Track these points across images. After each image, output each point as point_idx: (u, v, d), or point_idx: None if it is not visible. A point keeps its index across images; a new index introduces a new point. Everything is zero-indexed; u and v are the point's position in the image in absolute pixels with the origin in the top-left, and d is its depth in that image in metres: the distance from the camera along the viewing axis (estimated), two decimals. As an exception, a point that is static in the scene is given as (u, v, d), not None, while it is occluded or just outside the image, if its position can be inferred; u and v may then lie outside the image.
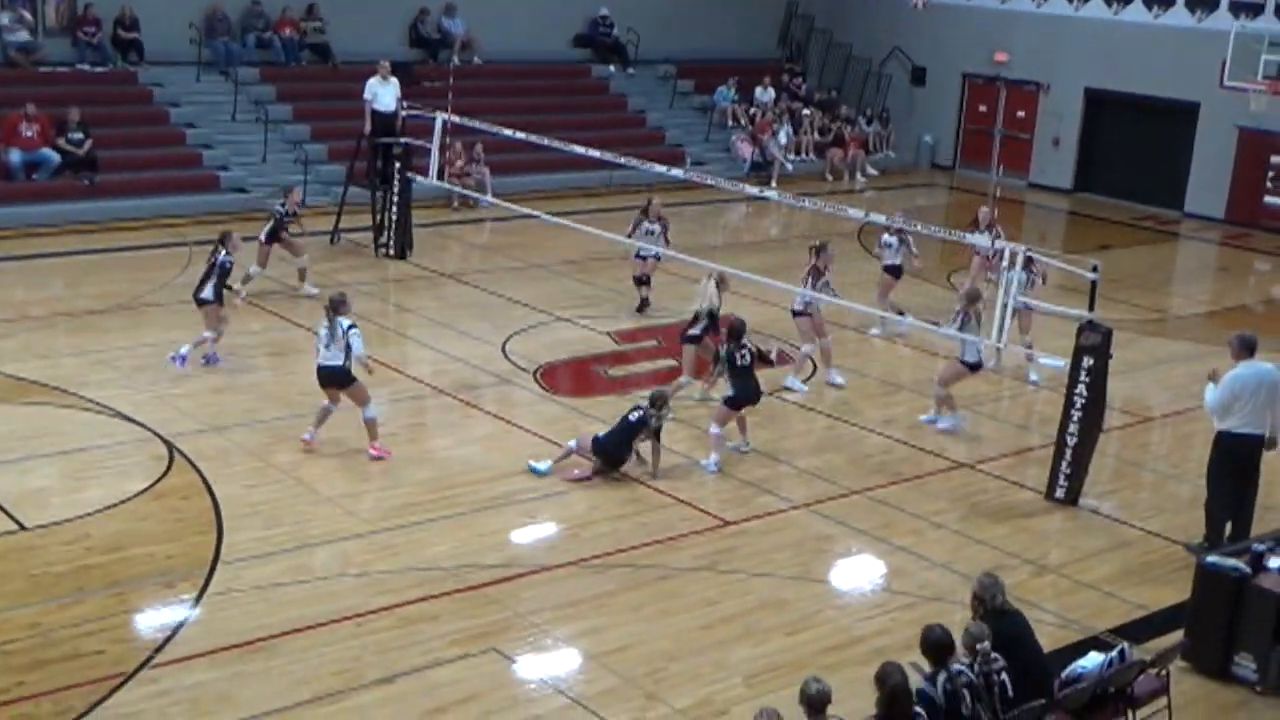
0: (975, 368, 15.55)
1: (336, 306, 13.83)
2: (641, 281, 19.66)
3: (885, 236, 19.03)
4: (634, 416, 13.77)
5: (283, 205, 19.49)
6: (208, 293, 16.20)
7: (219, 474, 13.26)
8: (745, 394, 14.38)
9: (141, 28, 26.17)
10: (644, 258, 19.62)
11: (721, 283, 16.26)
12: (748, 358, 14.34)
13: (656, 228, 19.37)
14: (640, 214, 19.58)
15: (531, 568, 11.84)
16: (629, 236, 19.56)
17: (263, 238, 19.07)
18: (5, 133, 23.24)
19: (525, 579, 11.61)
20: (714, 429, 14.37)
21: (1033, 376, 17.58)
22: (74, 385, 15.38)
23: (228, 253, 16.30)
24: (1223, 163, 28.82)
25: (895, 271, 19.04)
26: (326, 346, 13.78)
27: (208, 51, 26.75)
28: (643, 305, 19.71)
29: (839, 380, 16.94)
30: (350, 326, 13.78)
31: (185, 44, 26.50)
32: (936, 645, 8.44)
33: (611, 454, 13.70)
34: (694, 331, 16.17)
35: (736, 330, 14.42)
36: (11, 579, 11.06)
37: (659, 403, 13.79)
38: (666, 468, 13.99)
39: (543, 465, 13.76)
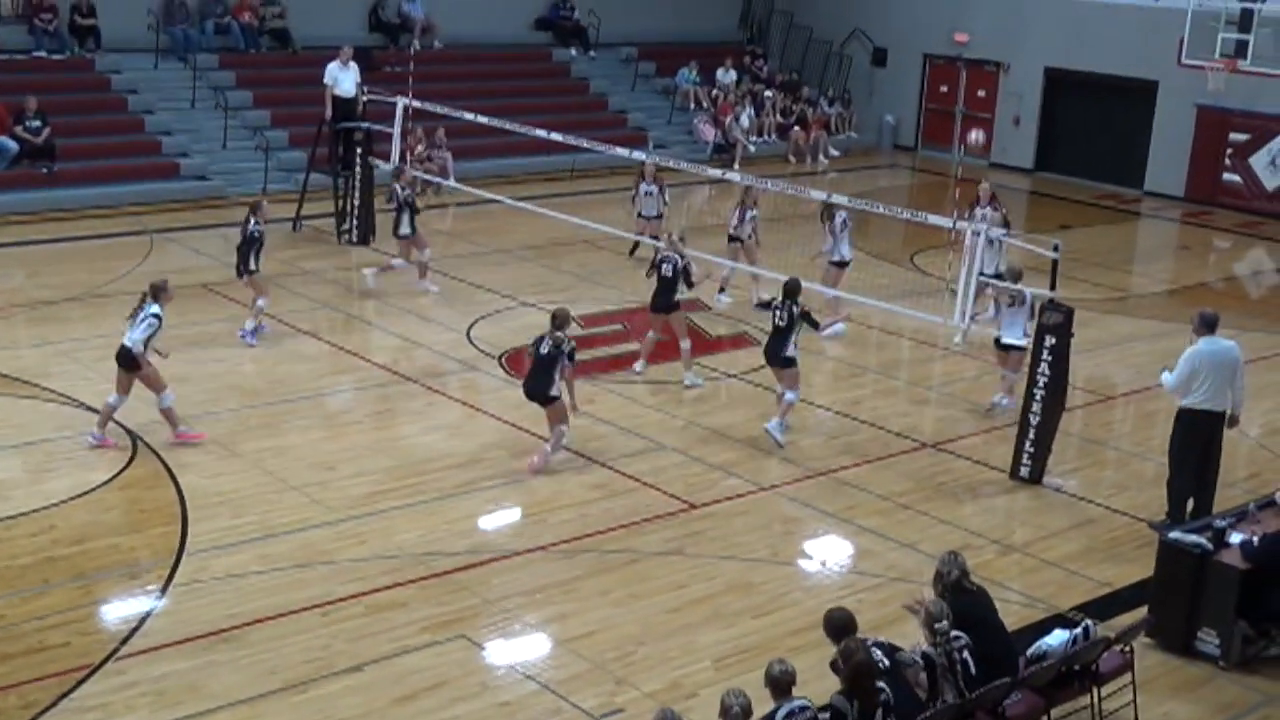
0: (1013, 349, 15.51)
1: (155, 291, 13.63)
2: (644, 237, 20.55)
3: (837, 221, 18.46)
4: (545, 349, 13.39)
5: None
6: (252, 264, 16.74)
7: (183, 464, 13.20)
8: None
9: (99, 14, 25.94)
10: (645, 218, 20.84)
11: (684, 238, 16.73)
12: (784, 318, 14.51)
13: (654, 188, 20.70)
14: (638, 177, 20.84)
15: (499, 554, 11.84)
16: (632, 200, 21.07)
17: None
18: (-39, 122, 23.02)
19: (493, 565, 11.62)
20: (790, 395, 14.59)
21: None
22: (35, 376, 15.27)
23: (258, 222, 16.64)
24: (1182, 141, 29.01)
25: (843, 264, 18.73)
26: (130, 324, 13.57)
27: (166, 38, 26.54)
28: (634, 248, 21.04)
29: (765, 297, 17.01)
30: (153, 314, 13.42)
31: (143, 30, 26.28)
32: (838, 627, 8.43)
33: (539, 394, 13.46)
34: (677, 298, 16.28)
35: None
36: (-25, 572, 11.00)
37: (560, 322, 13.51)
38: (632, 452, 14.00)
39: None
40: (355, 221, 21.86)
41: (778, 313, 14.57)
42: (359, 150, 21.72)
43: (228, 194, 24.29)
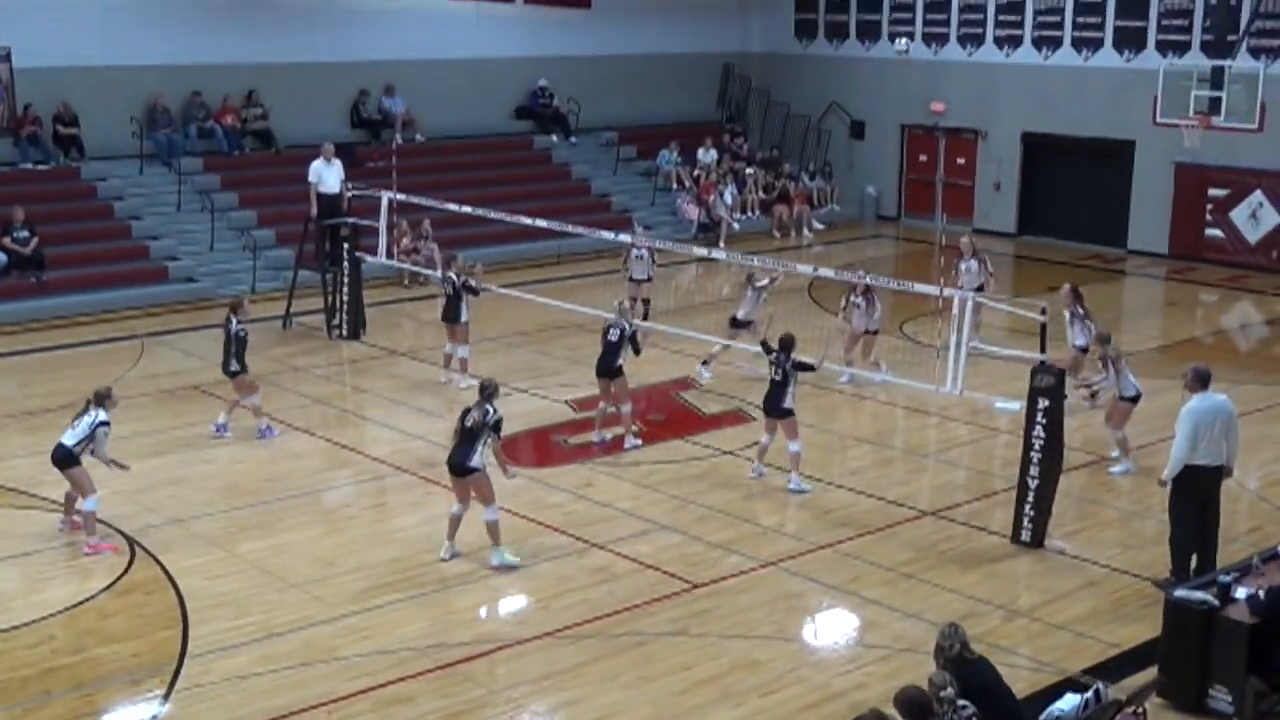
0: (1136, 399, 15.90)
1: (99, 398, 13.68)
2: (634, 300, 21.02)
3: (853, 297, 18.93)
4: (469, 421, 13.14)
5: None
6: (234, 365, 16.65)
7: (182, 567, 13.13)
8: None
9: (81, 123, 26.15)
10: (636, 280, 21.59)
11: (631, 306, 16.97)
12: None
13: (644, 253, 21.52)
14: (630, 246, 21.45)
15: (504, 642, 11.76)
16: (623, 265, 22.04)
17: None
18: (-50, 235, 23.14)
19: (499, 654, 11.54)
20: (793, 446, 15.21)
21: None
22: (30, 485, 15.22)
23: (239, 321, 16.62)
24: (1162, 198, 29.23)
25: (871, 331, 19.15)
26: (72, 425, 13.63)
27: (149, 144, 26.74)
28: (645, 313, 21.37)
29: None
30: (102, 423, 13.50)
31: (127, 137, 26.49)
32: (911, 705, 8.37)
33: (456, 465, 13.18)
34: (620, 362, 16.57)
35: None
36: (-24, 686, 10.91)
37: (488, 394, 13.25)
38: (631, 534, 13.97)
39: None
40: (345, 316, 21.91)
41: (774, 367, 15.17)
42: (346, 245, 21.83)
43: (217, 295, 24.36)
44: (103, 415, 13.57)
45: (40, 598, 12.52)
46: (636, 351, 16.78)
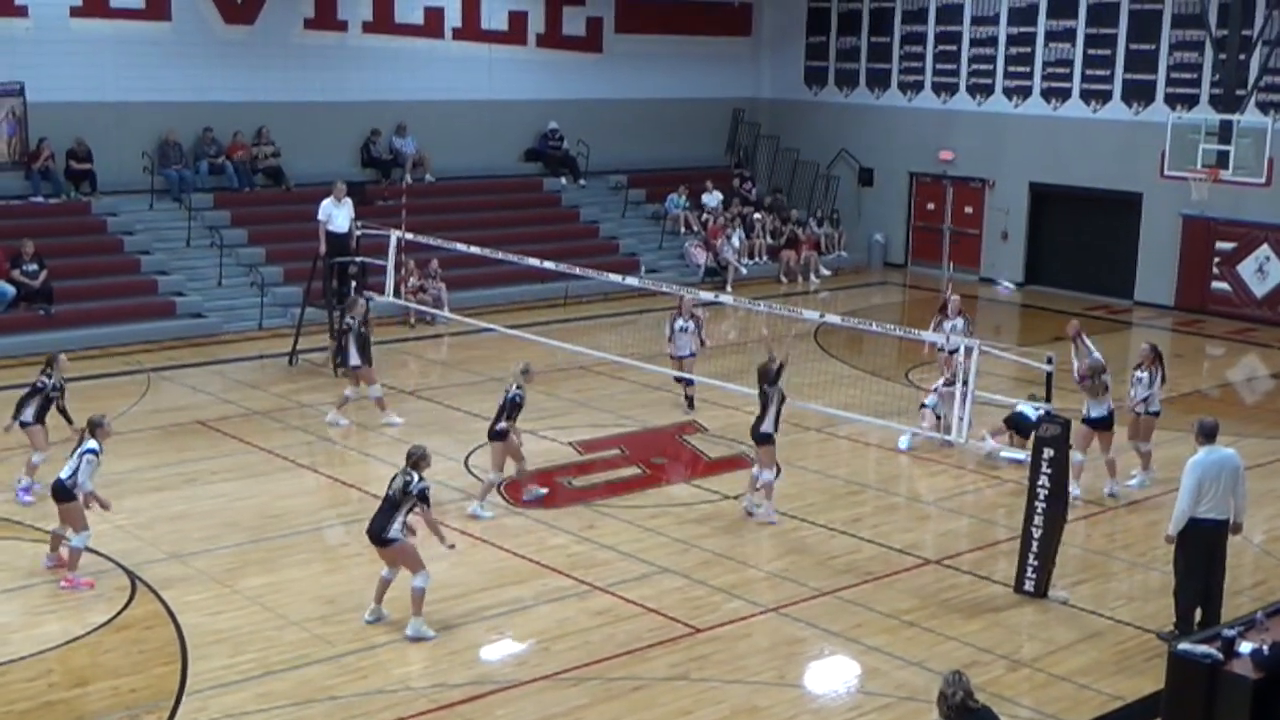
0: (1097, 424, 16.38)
1: (92, 428, 13.70)
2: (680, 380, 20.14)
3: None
4: (391, 490, 12.70)
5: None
6: (28, 415, 15.94)
7: (182, 602, 13.09)
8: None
9: (94, 158, 26.29)
10: (678, 358, 19.94)
11: (526, 372, 15.95)
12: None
13: (690, 325, 19.84)
14: (675, 312, 19.99)
15: (504, 684, 11.71)
16: (668, 339, 20.03)
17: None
18: (-40, 267, 23.23)
19: (498, 695, 11.48)
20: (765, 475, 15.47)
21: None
22: (34, 519, 15.20)
23: (49, 376, 16.02)
24: (1169, 251, 29.25)
25: None
26: (68, 457, 13.67)
27: (160, 179, 26.87)
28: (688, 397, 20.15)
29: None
30: (89, 451, 13.51)
31: (138, 173, 26.62)
32: None
33: (374, 534, 12.60)
34: (501, 426, 15.71)
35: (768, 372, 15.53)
36: (-28, 719, 10.87)
37: (417, 462, 12.78)
38: (634, 577, 13.93)
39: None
40: (351, 354, 21.89)
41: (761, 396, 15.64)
42: (354, 284, 21.86)
43: (224, 331, 24.43)
44: (92, 444, 13.55)
45: (39, 631, 12.49)
46: (510, 418, 15.63)
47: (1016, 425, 17.40)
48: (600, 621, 12.98)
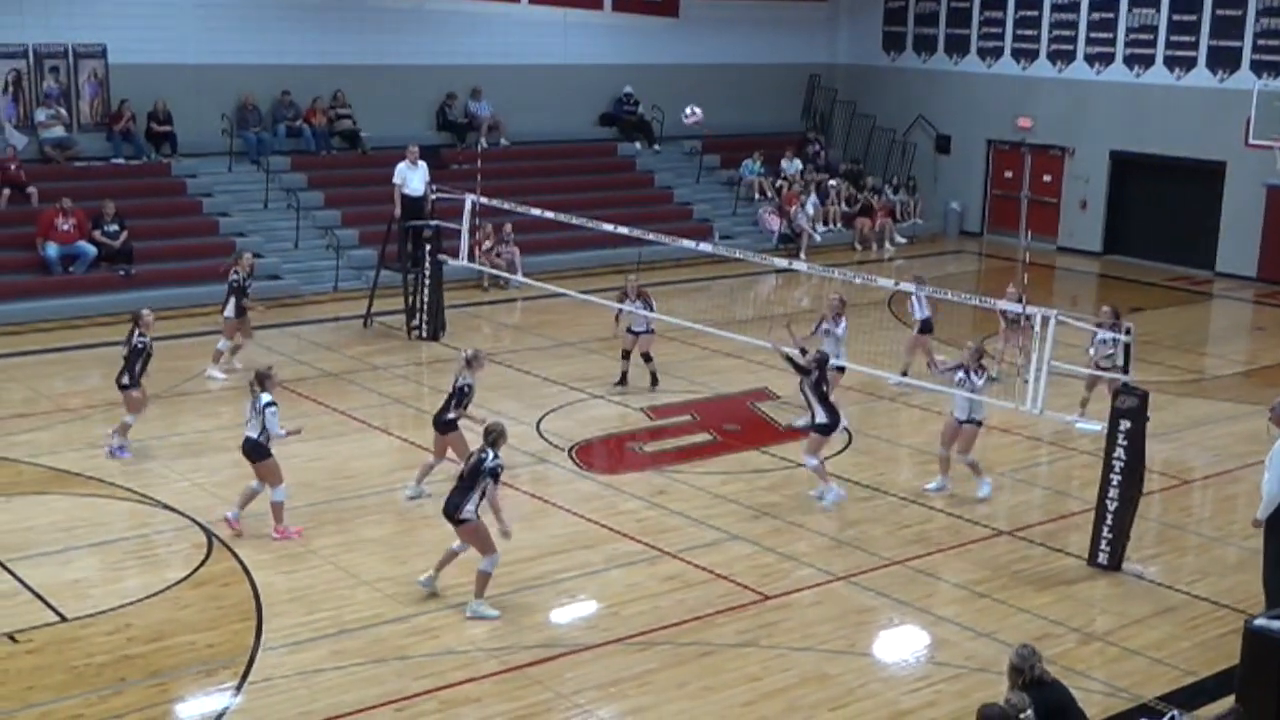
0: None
1: (261, 380, 13.91)
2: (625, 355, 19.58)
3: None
4: (465, 467, 12.50)
5: (238, 273, 19.65)
6: (126, 379, 16.27)
7: (258, 560, 13.28)
8: (836, 420, 15.21)
9: (174, 120, 26.56)
10: (635, 333, 19.34)
11: (473, 360, 15.17)
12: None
13: (639, 304, 19.04)
14: (620, 294, 19.34)
15: (573, 647, 11.78)
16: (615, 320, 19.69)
17: (230, 313, 19.44)
18: (42, 227, 23.57)
19: (567, 658, 11.55)
20: (811, 460, 15.02)
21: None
22: (112, 475, 15.47)
23: (141, 333, 16.32)
24: (1252, 221, 28.74)
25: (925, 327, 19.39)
26: (247, 420, 13.89)
27: (239, 142, 27.11)
28: (622, 378, 19.58)
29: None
30: (269, 404, 13.76)
31: (217, 135, 26.88)
32: None
33: (448, 512, 12.34)
34: (450, 416, 14.96)
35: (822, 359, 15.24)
36: (52, 671, 11.07)
37: (495, 440, 12.33)
38: (704, 544, 13.94)
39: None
40: (425, 317, 22.06)
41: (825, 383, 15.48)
42: (428, 247, 21.98)
43: (301, 293, 24.65)
44: (267, 397, 13.81)
45: (118, 586, 12.71)
46: (459, 406, 14.93)
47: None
48: (670, 587, 13.01)
